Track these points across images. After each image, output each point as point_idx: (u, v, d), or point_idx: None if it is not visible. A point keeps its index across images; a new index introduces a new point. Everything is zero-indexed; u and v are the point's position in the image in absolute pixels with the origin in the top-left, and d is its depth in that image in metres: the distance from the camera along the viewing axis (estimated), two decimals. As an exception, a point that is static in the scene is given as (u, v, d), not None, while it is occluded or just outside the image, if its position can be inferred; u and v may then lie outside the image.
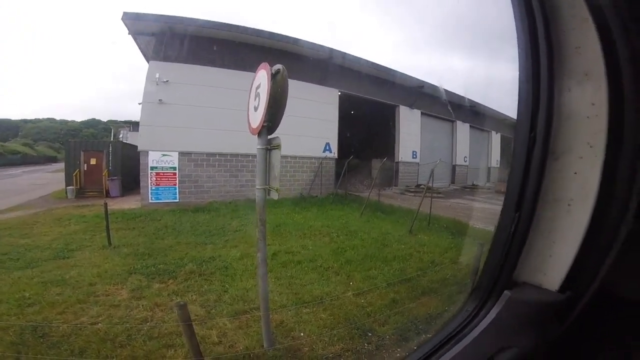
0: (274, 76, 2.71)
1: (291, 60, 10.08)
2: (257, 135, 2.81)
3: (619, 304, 0.62)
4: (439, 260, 5.05)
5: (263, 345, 2.76)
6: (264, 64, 2.84)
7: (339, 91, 12.56)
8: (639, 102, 0.52)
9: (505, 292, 0.63)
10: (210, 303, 3.53)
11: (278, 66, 2.73)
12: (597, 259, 0.58)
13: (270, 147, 2.80)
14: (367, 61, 12.52)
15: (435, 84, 15.02)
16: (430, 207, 7.69)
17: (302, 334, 2.98)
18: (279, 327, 3.08)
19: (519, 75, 0.62)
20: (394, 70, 13.29)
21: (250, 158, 10.31)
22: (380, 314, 3.28)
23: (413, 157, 15.26)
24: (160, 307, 3.44)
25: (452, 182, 17.64)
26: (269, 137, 2.80)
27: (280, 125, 2.82)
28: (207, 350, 2.68)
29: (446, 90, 15.20)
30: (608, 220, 0.55)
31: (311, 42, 11.11)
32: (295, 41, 10.69)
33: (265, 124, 2.70)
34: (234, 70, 9.92)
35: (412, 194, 12.65)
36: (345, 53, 11.78)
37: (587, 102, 0.56)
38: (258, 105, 2.86)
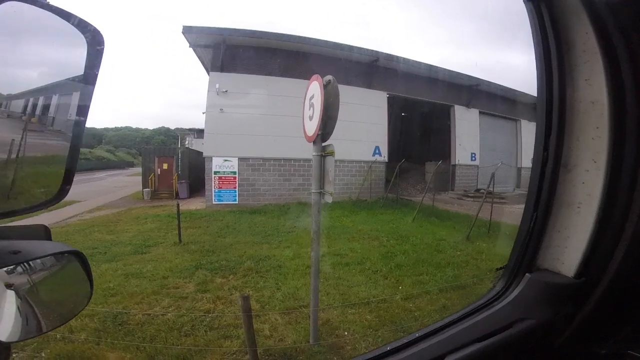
0: (325, 87, 3.01)
1: (338, 65, 10.45)
2: (312, 143, 3.13)
3: (634, 293, 0.74)
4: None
5: (309, 341, 3.03)
6: (316, 76, 3.16)
7: (388, 93, 12.57)
8: (637, 128, 0.65)
9: (527, 274, 0.79)
10: (264, 299, 3.92)
11: (328, 77, 3.03)
12: (606, 252, 0.71)
13: (324, 153, 3.11)
14: (415, 61, 12.42)
15: (494, 81, 14.07)
16: (491, 213, 7.32)
17: (346, 333, 3.19)
18: (325, 324, 3.33)
19: (537, 101, 0.78)
20: (444, 69, 12.97)
21: (302, 162, 10.89)
22: (429, 319, 3.33)
23: (472, 160, 14.43)
24: (221, 300, 3.90)
25: (518, 186, 16.22)
26: (323, 144, 3.10)
27: (330, 130, 3.09)
28: (260, 342, 2.97)
29: (507, 88, 14.10)
30: (612, 221, 0.69)
31: (358, 47, 11.40)
32: (342, 47, 11.08)
33: (320, 132, 3.01)
34: (285, 78, 10.62)
35: (471, 199, 12.02)
36: (391, 55, 11.87)
37: (592, 126, 0.70)
38: (313, 114, 3.19)
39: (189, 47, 10.93)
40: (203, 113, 11.05)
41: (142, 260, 5.38)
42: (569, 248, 0.76)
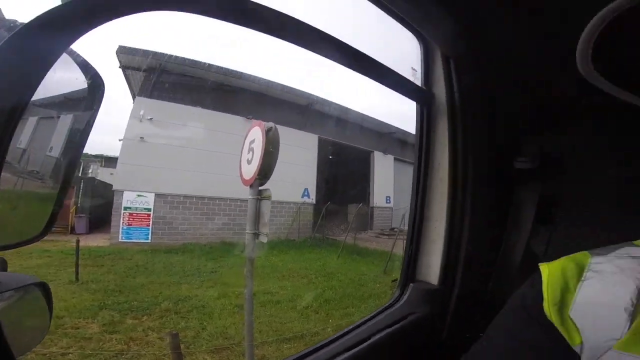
0: (267, 133, 3.37)
1: (275, 104, 11.03)
2: (249, 186, 3.37)
3: (474, 295, 1.24)
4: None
5: (245, 379, 3.07)
6: (258, 122, 3.52)
7: (319, 136, 13.50)
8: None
9: (411, 284, 1.24)
10: (188, 339, 3.80)
11: (270, 124, 3.42)
12: (453, 268, 1.21)
13: (261, 197, 3.36)
14: (345, 107, 13.70)
15: (406, 129, 16.46)
16: (403, 248, 8.38)
17: (283, 367, 3.33)
18: (261, 361, 3.42)
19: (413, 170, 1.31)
20: (369, 117, 14.47)
21: (228, 202, 10.70)
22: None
23: (387, 202, 16.25)
24: (135, 341, 3.65)
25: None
26: (260, 188, 3.36)
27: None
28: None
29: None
30: (452, 248, 1.19)
31: (294, 88, 12.02)
32: (280, 87, 11.61)
33: (257, 177, 3.28)
34: (218, 112, 10.64)
35: (387, 237, 13.37)
36: (325, 99, 12.86)
37: (439, 193, 1.23)
38: (252, 159, 3.46)
39: (119, 67, 10.24)
40: (120, 140, 10.20)
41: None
42: (432, 266, 1.25)
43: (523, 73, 1.23)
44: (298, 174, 12.47)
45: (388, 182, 16.47)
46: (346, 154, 15.65)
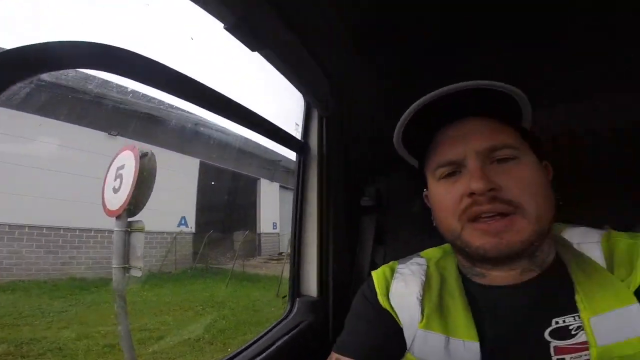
0: (142, 158, 3.13)
1: (151, 121, 9.90)
2: (115, 217, 3.03)
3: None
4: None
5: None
6: (130, 146, 3.24)
7: (200, 160, 12.64)
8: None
9: (297, 299, 1.46)
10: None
11: (147, 150, 3.21)
12: (325, 283, 1.53)
13: (131, 229, 3.06)
14: (232, 131, 12.91)
15: (292, 158, 17.38)
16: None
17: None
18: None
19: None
20: (255, 143, 13.93)
21: (78, 232, 8.83)
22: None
23: (274, 228, 16.58)
24: None
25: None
26: (130, 219, 3.07)
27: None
28: None
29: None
30: (323, 267, 1.53)
31: (175, 106, 10.54)
32: (159, 103, 10.18)
33: (127, 208, 3.00)
34: (77, 126, 8.75)
35: (276, 262, 13.57)
36: (210, 121, 11.89)
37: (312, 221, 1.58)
38: (120, 187, 3.13)
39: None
40: None
41: None
42: (310, 282, 1.52)
43: (371, 129, 1.73)
44: (174, 201, 11.25)
45: (274, 208, 16.84)
46: (232, 180, 15.33)
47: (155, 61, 0.77)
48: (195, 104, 0.93)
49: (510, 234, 0.64)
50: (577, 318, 0.65)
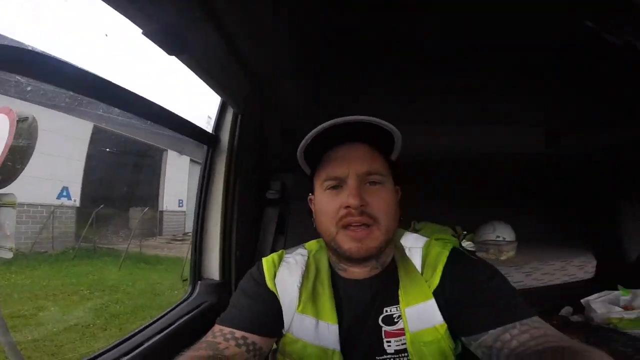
0: (20, 122, 2.68)
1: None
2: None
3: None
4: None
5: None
6: (5, 108, 2.74)
7: (95, 124, 10.92)
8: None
9: (199, 281, 1.47)
10: None
11: (27, 115, 2.74)
12: (227, 268, 1.67)
13: (0, 203, 2.64)
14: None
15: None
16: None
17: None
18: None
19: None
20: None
21: None
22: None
23: (180, 206, 15.38)
24: None
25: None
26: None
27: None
28: None
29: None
30: (225, 251, 1.67)
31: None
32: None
33: (-5, 177, 2.57)
34: None
35: (180, 242, 12.80)
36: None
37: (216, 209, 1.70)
38: (-15, 154, 2.65)
39: None
40: None
41: None
42: (211, 266, 1.65)
43: (284, 126, 1.89)
44: (54, 168, 9.59)
45: (182, 184, 15.58)
46: (132, 150, 13.57)
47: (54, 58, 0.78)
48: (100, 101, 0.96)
49: (369, 241, 0.79)
50: (397, 308, 0.82)
